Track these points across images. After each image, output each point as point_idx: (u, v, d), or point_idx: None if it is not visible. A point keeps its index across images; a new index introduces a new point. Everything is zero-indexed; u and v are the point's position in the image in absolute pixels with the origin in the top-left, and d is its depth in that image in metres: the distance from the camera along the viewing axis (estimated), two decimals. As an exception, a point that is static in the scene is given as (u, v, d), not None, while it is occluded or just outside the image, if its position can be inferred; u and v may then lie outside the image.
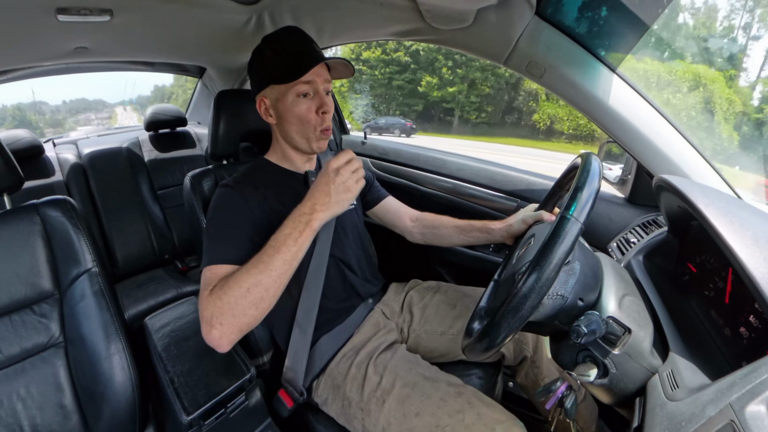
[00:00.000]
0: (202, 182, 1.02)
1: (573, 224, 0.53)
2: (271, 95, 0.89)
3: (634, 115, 0.96)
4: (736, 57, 14.29)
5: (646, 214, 1.09)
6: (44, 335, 0.78)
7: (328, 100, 0.88)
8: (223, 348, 0.68)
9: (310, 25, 1.21)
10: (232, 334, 0.67)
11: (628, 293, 0.64)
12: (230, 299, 0.66)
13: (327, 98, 0.88)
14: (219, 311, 0.66)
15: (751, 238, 0.53)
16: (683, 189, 0.67)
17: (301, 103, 0.86)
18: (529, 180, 1.42)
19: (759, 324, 0.55)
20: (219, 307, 0.66)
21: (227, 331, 0.66)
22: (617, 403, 0.62)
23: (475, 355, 0.60)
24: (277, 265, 0.68)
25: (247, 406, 0.81)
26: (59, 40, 1.15)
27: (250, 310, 0.67)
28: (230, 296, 0.66)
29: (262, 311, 0.68)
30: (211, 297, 0.67)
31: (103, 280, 0.83)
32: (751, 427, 0.38)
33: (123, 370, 0.79)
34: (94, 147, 1.76)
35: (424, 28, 1.08)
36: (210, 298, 0.68)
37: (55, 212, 0.83)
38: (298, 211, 0.72)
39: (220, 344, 0.67)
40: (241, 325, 0.67)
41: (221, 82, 1.93)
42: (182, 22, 1.16)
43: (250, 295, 0.66)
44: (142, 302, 1.46)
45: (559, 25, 0.95)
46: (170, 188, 1.84)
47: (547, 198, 0.95)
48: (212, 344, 0.67)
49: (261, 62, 0.90)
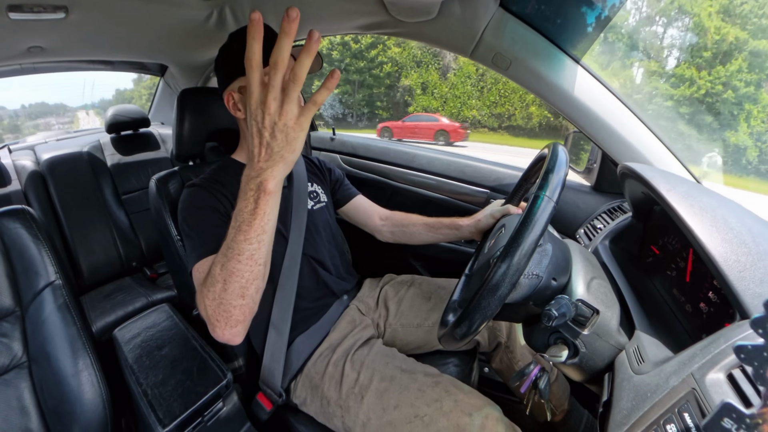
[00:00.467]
0: (168, 185, 0.98)
1: (547, 202, 0.55)
2: (240, 87, 0.87)
3: (598, 105, 0.99)
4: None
5: (611, 200, 1.13)
6: (5, 356, 0.74)
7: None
8: (235, 341, 0.64)
9: (272, 20, 1.17)
10: (234, 327, 0.63)
11: (596, 276, 0.67)
12: (213, 296, 0.61)
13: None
14: (211, 311, 0.62)
15: (710, 221, 0.56)
16: (646, 176, 0.70)
17: None
18: (498, 172, 1.44)
19: (717, 299, 0.58)
20: (209, 306, 0.62)
21: (228, 325, 0.62)
22: (588, 380, 0.65)
23: (452, 343, 0.61)
24: (244, 247, 0.58)
25: (224, 412, 0.79)
26: (11, 40, 1.09)
27: (237, 301, 0.61)
28: (212, 293, 0.61)
29: (251, 297, 0.62)
30: (200, 297, 0.64)
31: (68, 292, 0.79)
32: (711, 394, 0.40)
33: (92, 387, 0.76)
34: (53, 152, 1.67)
35: (389, 21, 1.08)
36: (199, 298, 0.64)
37: (13, 223, 0.78)
38: (245, 177, 0.59)
39: (230, 339, 0.64)
40: (238, 315, 0.62)
41: (184, 80, 1.86)
42: (141, 18, 1.11)
43: (230, 287, 0.60)
44: (110, 313, 1.40)
45: (523, 17, 0.97)
46: (135, 192, 1.78)
47: (515, 191, 0.97)
48: (223, 341, 0.64)
49: (228, 56, 0.88)
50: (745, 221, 0.56)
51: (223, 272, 0.60)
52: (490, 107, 16.10)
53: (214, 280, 0.61)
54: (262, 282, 0.63)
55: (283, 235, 0.93)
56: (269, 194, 0.57)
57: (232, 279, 0.60)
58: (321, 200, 1.06)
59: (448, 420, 0.73)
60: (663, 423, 0.42)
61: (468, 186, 1.47)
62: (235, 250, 0.58)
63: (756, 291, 0.47)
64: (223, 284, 0.60)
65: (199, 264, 0.73)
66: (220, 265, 0.60)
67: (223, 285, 0.60)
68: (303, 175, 1.03)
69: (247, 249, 0.58)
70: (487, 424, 0.72)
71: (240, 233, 0.58)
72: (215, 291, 0.61)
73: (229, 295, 0.60)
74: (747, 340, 0.42)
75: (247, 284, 0.60)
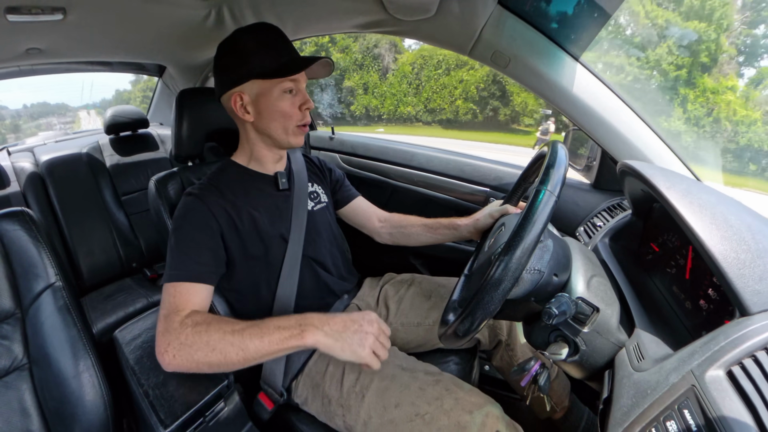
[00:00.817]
0: (168, 185, 0.98)
1: (548, 196, 0.55)
2: (251, 90, 0.85)
3: (597, 103, 0.99)
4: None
5: (611, 198, 1.13)
6: (6, 358, 0.74)
7: (308, 97, 0.89)
8: (168, 370, 0.68)
9: (271, 19, 1.18)
10: (179, 368, 0.67)
11: (596, 274, 0.67)
12: (192, 345, 0.66)
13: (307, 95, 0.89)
14: (179, 346, 0.66)
15: (710, 218, 0.56)
16: (646, 173, 0.70)
17: (285, 99, 0.85)
18: (498, 170, 1.44)
19: (717, 296, 0.59)
20: (181, 343, 0.66)
21: (178, 363, 0.67)
22: (588, 377, 0.65)
23: (453, 341, 0.61)
24: (250, 349, 0.65)
25: (226, 412, 0.79)
26: (9, 42, 1.09)
27: (204, 366, 0.67)
28: (194, 342, 0.66)
29: (212, 370, 0.68)
30: (181, 329, 0.67)
31: (68, 294, 0.79)
32: (710, 390, 0.40)
33: (93, 388, 0.76)
34: (52, 154, 1.66)
35: (388, 19, 1.08)
36: (178, 328, 0.68)
37: (13, 225, 0.78)
38: (308, 317, 0.69)
39: (167, 368, 0.68)
40: (191, 367, 0.67)
41: (182, 80, 1.86)
42: (139, 18, 1.11)
43: (211, 356, 0.66)
44: (110, 315, 1.40)
45: (522, 15, 0.97)
46: (134, 193, 1.77)
47: (514, 190, 0.97)
48: (160, 363, 0.68)
49: (242, 56, 0.85)
50: (744, 219, 0.56)
51: (217, 343, 0.66)
52: (424, 103, 17.60)
53: (206, 336, 0.66)
54: (229, 370, 0.69)
55: (283, 237, 0.92)
56: (301, 341, 0.66)
57: (218, 354, 0.66)
58: (321, 201, 1.06)
59: (449, 418, 0.73)
60: (663, 420, 0.42)
61: (467, 184, 1.47)
62: (243, 344, 0.66)
63: (755, 288, 0.47)
64: (210, 349, 0.66)
65: (174, 286, 0.74)
66: (220, 336, 0.66)
67: (208, 349, 0.66)
68: (303, 175, 1.03)
69: (250, 352, 0.66)
70: (487, 422, 0.72)
71: (258, 339, 0.66)
72: (197, 340, 0.66)
73: (203, 356, 0.66)
74: (749, 338, 0.42)
75: (222, 365, 0.67)
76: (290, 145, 0.91)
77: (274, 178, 0.96)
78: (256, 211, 0.88)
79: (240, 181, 0.92)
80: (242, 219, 0.86)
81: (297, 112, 0.87)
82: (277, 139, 0.89)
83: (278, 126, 0.87)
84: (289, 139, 0.89)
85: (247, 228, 0.87)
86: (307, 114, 0.89)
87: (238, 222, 0.85)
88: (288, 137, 0.89)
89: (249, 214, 0.87)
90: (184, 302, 0.72)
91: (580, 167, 1.27)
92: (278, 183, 0.95)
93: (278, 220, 0.92)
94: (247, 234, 0.87)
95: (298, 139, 0.90)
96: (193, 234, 0.80)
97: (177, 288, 0.74)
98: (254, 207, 0.89)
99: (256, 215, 0.88)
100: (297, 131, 0.89)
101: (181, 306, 0.71)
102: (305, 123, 0.90)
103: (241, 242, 0.86)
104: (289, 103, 0.86)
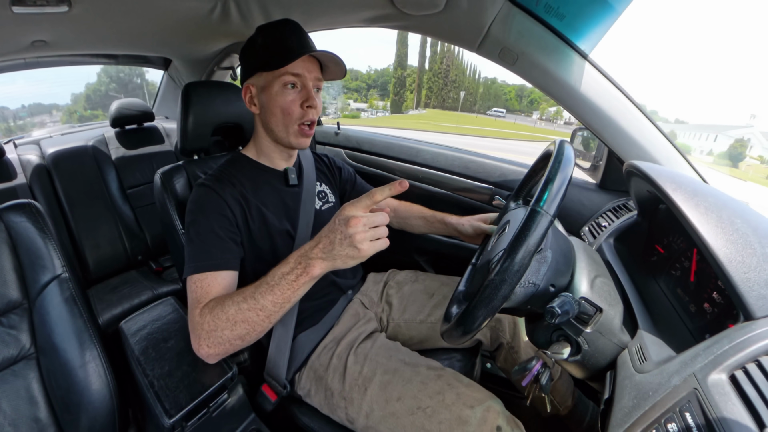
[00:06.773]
0: (173, 179, 0.98)
1: (543, 217, 0.54)
2: (258, 83, 0.87)
3: (605, 102, 0.98)
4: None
5: (616, 199, 1.12)
6: (14, 347, 0.74)
7: (315, 96, 0.86)
8: (210, 362, 0.72)
9: (277, 13, 1.17)
10: (219, 355, 0.70)
11: (600, 275, 0.67)
12: (216, 328, 0.67)
13: (315, 94, 0.86)
14: (206, 335, 0.67)
15: (716, 221, 0.55)
16: (652, 174, 0.69)
17: (286, 93, 0.84)
18: (503, 168, 1.43)
19: (721, 300, 0.58)
20: (207, 332, 0.67)
21: (215, 352, 0.69)
22: (589, 377, 0.65)
23: (453, 340, 0.61)
24: (267, 305, 0.65)
25: (230, 403, 0.80)
26: (15, 34, 1.09)
27: (236, 341, 0.68)
28: (217, 324, 0.67)
29: (248, 341, 0.69)
30: (201, 319, 0.68)
31: (74, 285, 0.80)
32: (713, 394, 0.40)
33: (99, 377, 0.77)
34: (58, 146, 1.67)
35: (395, 14, 1.07)
36: (199, 320, 0.69)
37: (20, 217, 0.79)
38: (302, 250, 0.66)
39: (209, 360, 0.71)
40: (228, 349, 0.69)
41: (188, 73, 1.86)
42: (144, 11, 1.11)
43: (237, 329, 0.66)
44: (116, 306, 1.42)
45: (530, 11, 0.95)
46: (140, 186, 1.78)
47: (521, 186, 0.96)
48: (201, 358, 0.70)
49: (252, 49, 0.87)
50: (751, 222, 0.55)
51: (236, 315, 0.66)
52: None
53: (224, 314, 0.66)
54: (261, 335, 0.69)
55: (290, 235, 0.92)
56: (309, 276, 0.64)
57: (242, 324, 0.66)
58: (329, 200, 1.06)
59: (450, 412, 0.74)
60: (664, 422, 0.42)
61: (472, 182, 1.47)
62: (258, 304, 0.65)
63: (761, 292, 0.46)
64: (232, 324, 0.66)
65: (197, 277, 0.74)
66: (237, 307, 0.66)
67: (231, 324, 0.66)
68: (312, 174, 1.03)
69: (268, 308, 0.66)
70: (488, 417, 0.73)
71: (270, 293, 0.65)
72: (218, 322, 0.66)
73: (230, 333, 0.66)
74: (753, 343, 0.42)
75: (252, 332, 0.67)
76: (291, 145, 0.90)
77: (283, 174, 0.96)
78: (264, 206, 0.89)
79: (250, 174, 0.92)
80: (252, 212, 0.86)
81: (298, 108, 0.85)
82: (279, 135, 0.89)
83: (278, 122, 0.86)
84: (290, 138, 0.88)
85: (256, 221, 0.87)
86: (309, 113, 0.86)
87: (248, 214, 0.86)
88: (289, 137, 0.88)
89: (258, 208, 0.87)
90: (205, 293, 0.72)
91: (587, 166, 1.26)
92: (288, 179, 0.95)
93: (285, 216, 0.93)
94: (256, 227, 0.87)
95: (299, 140, 0.89)
96: (210, 224, 0.80)
97: (199, 279, 0.74)
98: (263, 201, 0.89)
99: (264, 209, 0.88)
100: (298, 132, 0.87)
101: (201, 298, 0.72)
102: (307, 122, 0.87)
103: (250, 234, 0.87)
104: (290, 99, 0.84)
